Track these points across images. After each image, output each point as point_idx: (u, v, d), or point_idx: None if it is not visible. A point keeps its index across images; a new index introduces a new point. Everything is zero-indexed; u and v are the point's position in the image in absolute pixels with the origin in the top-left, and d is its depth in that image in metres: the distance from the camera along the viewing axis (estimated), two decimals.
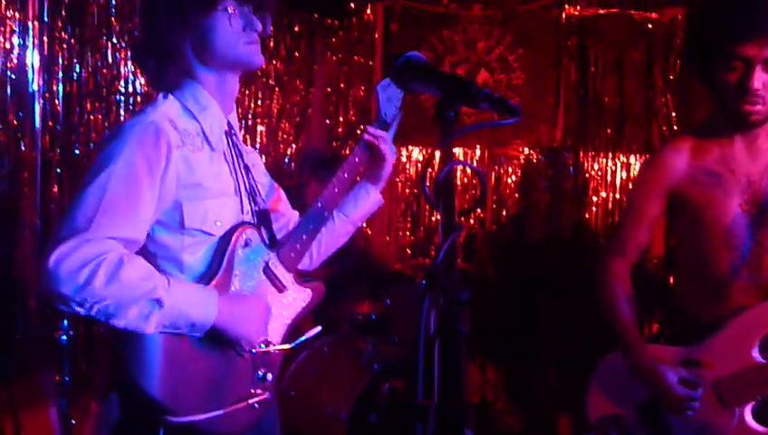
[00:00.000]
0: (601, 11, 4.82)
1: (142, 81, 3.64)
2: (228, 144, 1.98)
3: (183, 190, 1.80)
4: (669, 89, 4.75)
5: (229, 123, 2.00)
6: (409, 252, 4.86)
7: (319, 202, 2.00)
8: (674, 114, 4.73)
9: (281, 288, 2.00)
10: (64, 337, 3.25)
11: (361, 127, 4.70)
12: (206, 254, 1.85)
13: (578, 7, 4.83)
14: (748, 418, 2.06)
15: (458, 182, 4.90)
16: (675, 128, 4.72)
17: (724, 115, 2.14)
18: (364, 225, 4.29)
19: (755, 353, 2.08)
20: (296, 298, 2.04)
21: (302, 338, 2.05)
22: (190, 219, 1.81)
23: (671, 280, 3.52)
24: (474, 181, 4.81)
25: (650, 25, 4.80)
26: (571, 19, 4.86)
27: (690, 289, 2.25)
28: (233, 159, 1.97)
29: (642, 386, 2.17)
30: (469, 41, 4.88)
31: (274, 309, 1.97)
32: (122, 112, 3.65)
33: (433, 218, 4.87)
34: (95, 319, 1.67)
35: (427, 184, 1.34)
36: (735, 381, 2.07)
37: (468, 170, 4.87)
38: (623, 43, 4.81)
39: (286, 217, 2.18)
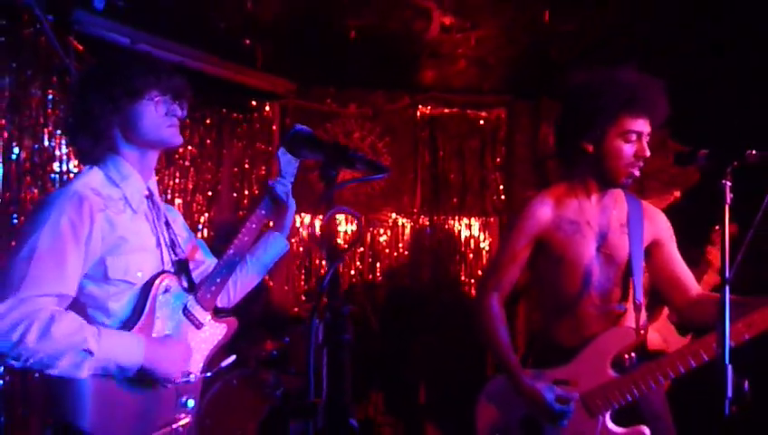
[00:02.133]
0: (446, 110, 5.00)
1: (75, 162, 3.42)
2: (149, 205, 1.88)
3: (107, 247, 1.71)
4: (497, 169, 4.97)
5: (149, 188, 1.90)
6: (304, 298, 4.75)
7: (231, 249, 1.91)
8: (501, 187, 4.96)
9: (199, 325, 1.90)
10: (0, 382, 2.91)
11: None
12: (130, 301, 1.75)
13: (429, 107, 4.99)
14: (609, 422, 2.04)
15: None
16: (502, 197, 4.94)
17: (596, 177, 2.06)
18: (267, 277, 4.32)
19: (610, 370, 2.06)
20: (213, 333, 1.94)
21: (220, 366, 1.95)
22: (114, 271, 1.71)
23: None
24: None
25: (482, 121, 5.03)
26: (424, 117, 5.00)
27: (557, 324, 2.16)
28: (153, 218, 1.87)
29: (523, 403, 2.09)
30: (347, 132, 4.90)
31: (194, 344, 1.87)
32: (57, 187, 3.40)
33: (322, 271, 4.81)
34: (31, 369, 1.55)
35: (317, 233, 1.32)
36: (597, 393, 2.04)
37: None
38: (463, 135, 4.99)
39: (205, 263, 2.07)
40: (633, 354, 2.06)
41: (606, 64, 2.04)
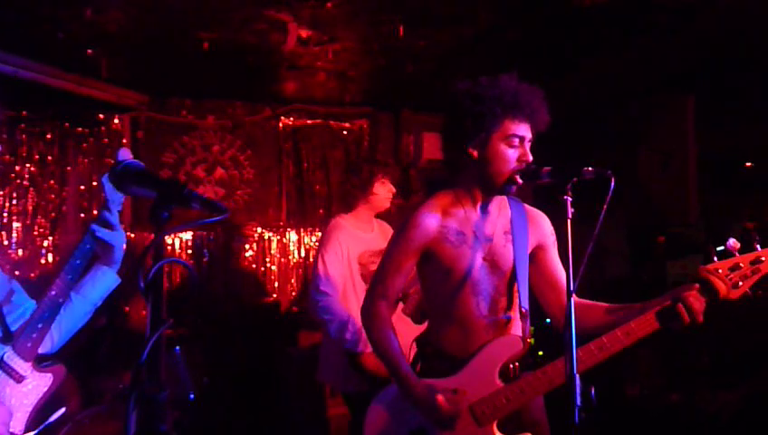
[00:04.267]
0: (309, 121, 4.98)
1: None
2: None
3: None
4: None
5: None
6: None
7: (53, 290, 1.79)
8: None
9: (19, 379, 1.78)
10: None
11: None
12: None
13: (291, 119, 4.95)
14: (496, 431, 2.03)
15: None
16: None
17: (480, 184, 2.06)
18: (123, 302, 4.11)
19: (497, 379, 2.05)
20: (37, 385, 1.81)
21: (47, 422, 1.82)
22: None
23: None
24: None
25: (345, 132, 5.07)
26: (287, 128, 4.96)
27: (445, 333, 2.13)
28: None
29: (414, 414, 2.05)
30: (206, 145, 4.78)
31: (14, 401, 1.75)
32: None
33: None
34: None
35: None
36: (485, 402, 2.03)
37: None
38: (326, 146, 5.00)
39: (22, 307, 1.93)
40: (517, 364, 2.07)
41: (460, 79, 2.07)
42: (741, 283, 1.94)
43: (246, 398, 4.47)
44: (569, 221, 1.69)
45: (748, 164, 3.86)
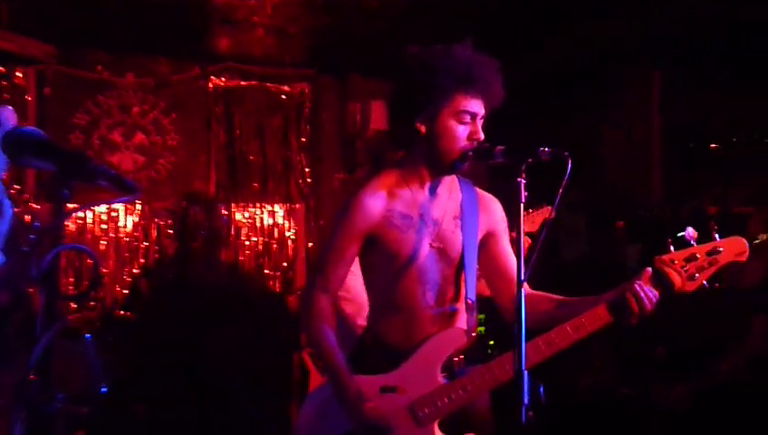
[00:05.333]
0: (243, 83, 4.75)
1: None
2: None
3: None
4: (302, 149, 4.85)
5: None
6: (74, 305, 4.25)
7: None
8: (307, 169, 4.86)
9: None
10: None
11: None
12: None
13: (223, 79, 4.71)
14: (437, 432, 2.00)
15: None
16: (308, 180, 4.84)
17: (428, 163, 2.03)
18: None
19: (440, 375, 2.02)
20: None
21: None
22: None
23: None
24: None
25: (284, 96, 4.85)
26: (218, 89, 4.72)
27: (387, 322, 2.10)
28: None
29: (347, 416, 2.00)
30: (124, 106, 4.52)
31: None
32: None
33: (104, 270, 4.34)
34: None
35: None
36: (426, 401, 1.99)
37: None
38: (263, 111, 4.80)
39: None
40: (462, 357, 2.06)
41: (414, 42, 2.01)
42: (697, 275, 1.95)
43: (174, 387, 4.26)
44: (521, 206, 1.70)
45: (713, 145, 3.91)
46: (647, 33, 3.89)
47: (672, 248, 1.95)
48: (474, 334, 2.07)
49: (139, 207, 4.51)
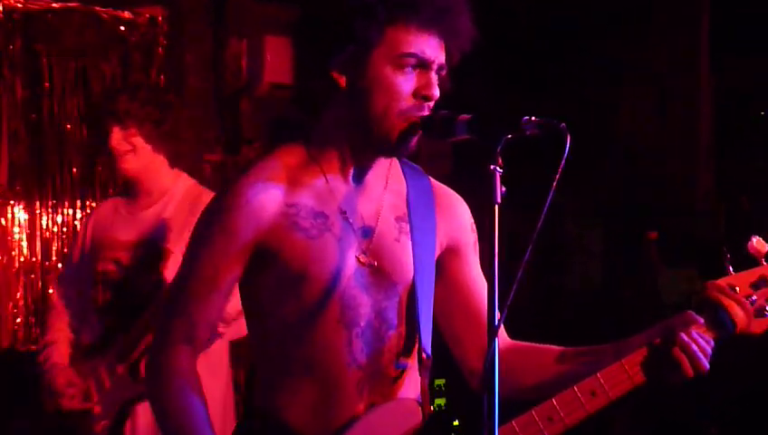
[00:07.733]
0: (55, 5, 3.85)
1: None
2: None
3: None
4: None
5: None
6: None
7: None
8: None
9: None
10: None
11: None
12: None
13: (22, 0, 3.86)
14: None
15: None
16: None
17: (352, 135, 1.66)
18: None
19: None
20: None
21: None
22: None
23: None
24: None
25: (123, 29, 3.99)
26: (13, 14, 3.85)
27: (288, 395, 1.66)
28: None
29: None
30: None
31: None
32: None
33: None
34: None
35: None
36: None
37: None
38: (89, 52, 3.96)
39: None
40: None
41: None
42: None
43: None
44: (497, 206, 1.32)
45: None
46: None
47: (731, 269, 1.65)
48: (431, 408, 1.73)
49: None
